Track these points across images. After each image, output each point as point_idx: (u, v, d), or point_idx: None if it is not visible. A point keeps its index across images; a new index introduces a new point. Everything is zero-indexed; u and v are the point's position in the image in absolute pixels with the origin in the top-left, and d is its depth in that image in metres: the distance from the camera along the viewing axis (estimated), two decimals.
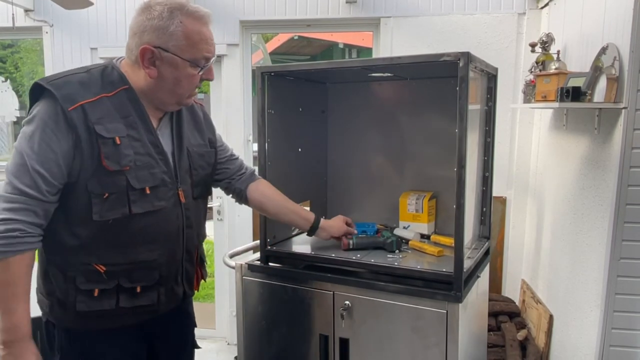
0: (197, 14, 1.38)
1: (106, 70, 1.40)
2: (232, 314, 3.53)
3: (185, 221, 1.50)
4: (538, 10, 3.01)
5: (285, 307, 1.86)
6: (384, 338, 1.71)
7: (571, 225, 2.35)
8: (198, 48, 1.39)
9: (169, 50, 1.36)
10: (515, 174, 3.11)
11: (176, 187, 1.47)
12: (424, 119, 2.14)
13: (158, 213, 1.41)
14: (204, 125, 1.64)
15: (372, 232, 2.01)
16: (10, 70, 6.01)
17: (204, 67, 1.42)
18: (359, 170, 2.30)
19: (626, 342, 1.95)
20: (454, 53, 1.53)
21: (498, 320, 2.86)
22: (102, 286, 1.37)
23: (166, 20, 1.35)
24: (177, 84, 1.40)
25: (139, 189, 1.36)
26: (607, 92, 1.90)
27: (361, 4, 3.19)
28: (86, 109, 1.31)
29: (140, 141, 1.38)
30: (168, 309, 1.53)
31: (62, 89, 1.31)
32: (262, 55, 7.03)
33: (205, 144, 1.61)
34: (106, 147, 1.31)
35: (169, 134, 1.50)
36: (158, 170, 1.41)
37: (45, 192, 1.28)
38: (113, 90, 1.37)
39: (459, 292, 1.58)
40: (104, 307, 1.37)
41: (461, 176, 1.57)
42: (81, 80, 1.35)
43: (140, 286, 1.42)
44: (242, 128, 3.48)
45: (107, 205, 1.33)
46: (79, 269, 1.35)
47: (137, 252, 1.40)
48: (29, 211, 1.27)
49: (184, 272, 1.54)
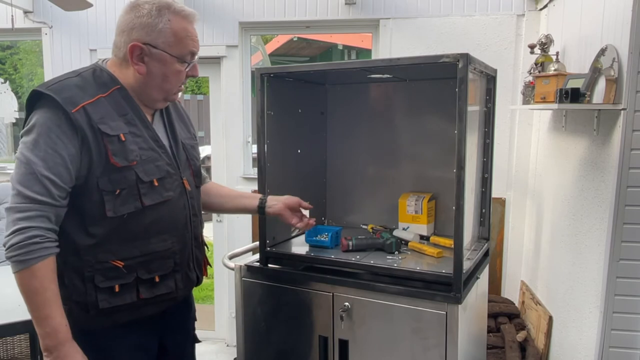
0: (183, 12, 1.44)
1: (96, 72, 1.43)
2: (231, 316, 3.53)
3: (191, 209, 1.54)
4: (537, 11, 3.01)
5: (284, 308, 1.86)
6: (384, 339, 1.71)
7: (570, 226, 2.35)
8: (184, 44, 1.43)
9: (157, 47, 1.40)
10: (514, 175, 3.11)
11: (180, 176, 1.51)
12: (423, 120, 2.15)
13: (167, 203, 1.46)
14: (187, 120, 1.69)
15: (334, 237, 1.96)
16: (10, 72, 6.01)
17: (190, 63, 1.47)
18: (359, 172, 2.30)
19: (625, 343, 1.95)
20: (453, 54, 1.53)
21: (497, 322, 2.86)
22: (122, 281, 1.39)
23: (155, 18, 1.39)
24: (165, 79, 1.44)
25: (148, 181, 1.40)
26: (606, 93, 1.90)
27: (360, 6, 3.19)
28: (88, 110, 1.33)
29: (142, 137, 1.42)
30: (185, 295, 1.58)
31: (62, 93, 1.33)
32: (262, 57, 7.02)
33: (192, 137, 1.66)
34: (112, 145, 1.34)
35: (163, 129, 1.54)
36: (162, 163, 1.45)
37: (57, 197, 1.30)
38: (107, 91, 1.40)
39: (459, 293, 1.58)
40: (126, 300, 1.40)
41: (460, 177, 1.57)
42: (76, 83, 1.38)
43: (158, 275, 1.45)
44: (241, 129, 3.48)
45: (120, 200, 1.36)
46: (96, 268, 1.37)
47: (152, 243, 1.43)
48: (44, 217, 1.29)
49: (194, 258, 1.58)
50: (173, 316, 1.60)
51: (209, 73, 3.56)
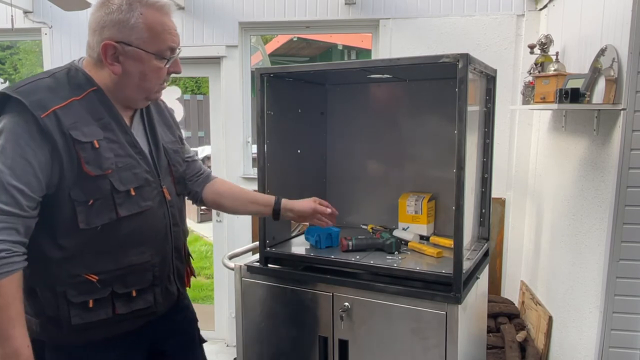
0: (157, 4, 1.33)
1: (70, 73, 1.34)
2: (231, 316, 3.52)
3: (171, 219, 1.47)
4: (537, 11, 3.01)
5: (284, 308, 1.86)
6: (384, 339, 1.71)
7: (570, 226, 2.35)
8: (162, 39, 1.34)
9: (132, 44, 1.31)
10: (514, 176, 3.11)
11: (160, 185, 1.43)
12: (423, 120, 2.15)
13: (145, 214, 1.38)
14: (171, 122, 1.61)
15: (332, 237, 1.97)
16: (10, 72, 6.00)
17: (169, 59, 1.37)
18: (358, 172, 2.30)
19: (625, 344, 1.95)
20: (453, 54, 1.53)
21: (497, 322, 2.86)
22: (96, 296, 1.32)
23: (126, 13, 1.30)
24: (144, 78, 1.35)
25: (124, 191, 1.32)
26: (605, 93, 1.90)
27: (360, 6, 3.19)
28: (59, 115, 1.24)
29: (118, 142, 1.34)
30: (165, 309, 1.50)
31: (30, 96, 1.23)
32: (261, 57, 7.02)
33: (176, 141, 1.58)
34: (85, 152, 1.26)
35: (143, 132, 1.45)
36: (140, 170, 1.37)
37: (25, 208, 1.21)
38: (82, 93, 1.31)
39: (458, 293, 1.58)
40: (101, 316, 1.33)
41: (460, 177, 1.57)
42: (48, 85, 1.28)
43: (135, 290, 1.38)
44: (241, 129, 3.48)
45: (94, 211, 1.28)
46: (68, 282, 1.29)
47: (128, 256, 1.36)
48: (11, 229, 1.20)
49: (175, 270, 1.51)
50: (163, 322, 1.52)
51: (209, 73, 3.56)
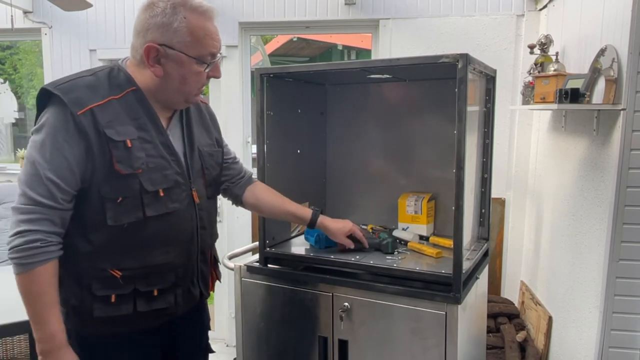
0: (200, 8, 1.36)
1: (112, 72, 1.37)
2: (231, 316, 3.52)
3: (199, 222, 1.48)
4: (536, 11, 3.01)
5: (284, 308, 1.86)
6: (383, 340, 1.71)
7: (570, 226, 2.35)
8: (203, 44, 1.36)
9: (174, 48, 1.33)
10: (514, 176, 3.11)
11: (190, 187, 1.45)
12: (422, 120, 2.15)
13: (172, 215, 1.39)
14: (210, 125, 1.63)
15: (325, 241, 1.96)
16: (9, 72, 6.01)
17: (210, 64, 1.39)
18: (358, 172, 2.30)
19: (625, 344, 1.95)
20: (453, 55, 1.53)
21: (497, 322, 2.86)
22: (119, 291, 1.35)
23: (169, 16, 1.32)
24: (184, 82, 1.37)
25: (153, 191, 1.34)
26: (605, 93, 1.90)
27: (360, 6, 3.19)
28: (95, 113, 1.28)
29: (152, 143, 1.36)
30: (185, 311, 1.51)
31: (70, 93, 1.28)
32: (261, 57, 7.02)
33: (213, 144, 1.60)
34: (117, 151, 1.29)
35: (180, 134, 1.47)
36: (171, 172, 1.39)
37: (60, 200, 1.27)
38: (121, 93, 1.34)
39: (458, 293, 1.58)
40: (122, 312, 1.36)
41: (460, 177, 1.57)
42: (88, 83, 1.32)
43: (157, 289, 1.40)
44: (241, 129, 3.48)
45: (121, 209, 1.31)
46: (94, 276, 1.33)
47: (153, 255, 1.38)
48: (47, 220, 1.26)
49: (199, 273, 1.53)
50: (185, 325, 1.56)
51: None
